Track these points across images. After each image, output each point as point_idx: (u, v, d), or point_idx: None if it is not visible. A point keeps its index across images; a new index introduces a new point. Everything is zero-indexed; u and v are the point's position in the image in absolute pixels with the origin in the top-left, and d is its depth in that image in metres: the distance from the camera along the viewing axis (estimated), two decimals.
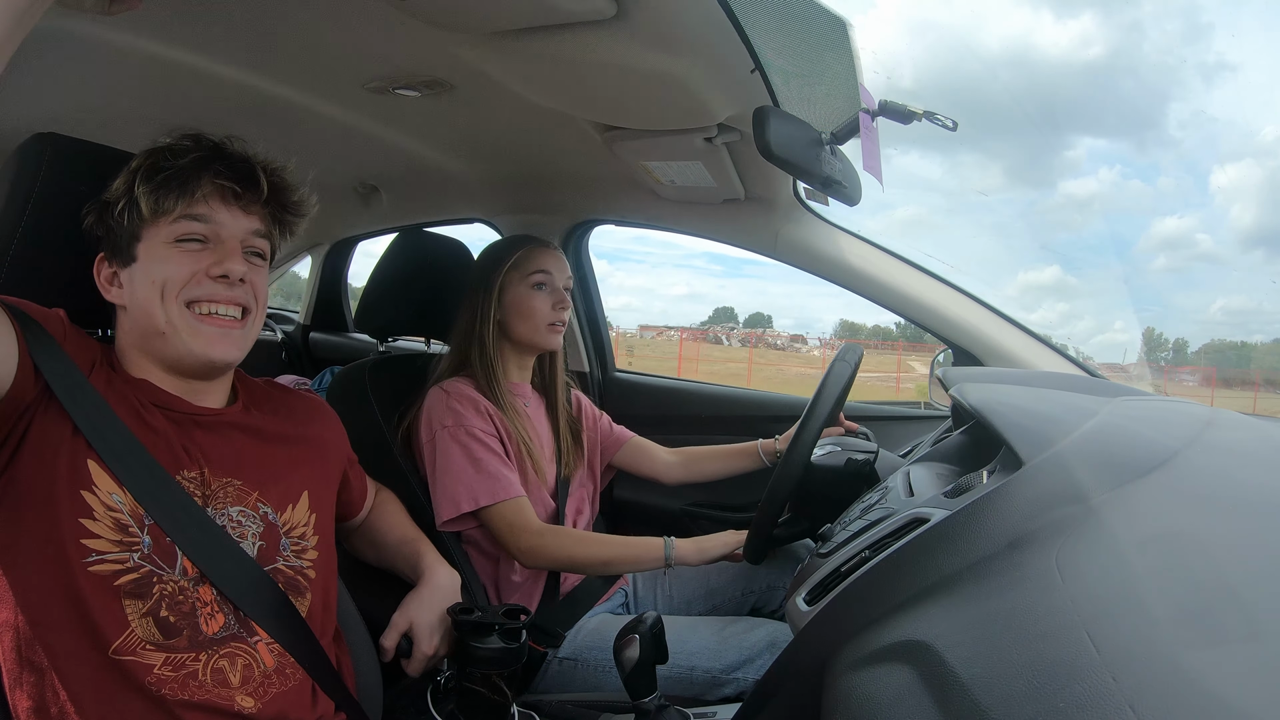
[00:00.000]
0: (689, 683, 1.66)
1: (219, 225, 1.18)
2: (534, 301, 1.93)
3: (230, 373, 1.29)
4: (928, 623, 0.71)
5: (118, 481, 1.07)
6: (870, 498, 1.30)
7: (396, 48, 1.63)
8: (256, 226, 1.23)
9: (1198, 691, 0.49)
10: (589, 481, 2.14)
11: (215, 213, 1.18)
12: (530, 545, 1.76)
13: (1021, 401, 1.27)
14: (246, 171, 1.21)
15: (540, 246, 1.99)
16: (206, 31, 1.62)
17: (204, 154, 1.18)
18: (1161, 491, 0.82)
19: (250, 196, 1.21)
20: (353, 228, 3.65)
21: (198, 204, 1.16)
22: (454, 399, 1.82)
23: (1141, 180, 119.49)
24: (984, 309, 2.20)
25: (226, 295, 1.17)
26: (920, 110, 1.53)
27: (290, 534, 1.25)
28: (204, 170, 1.17)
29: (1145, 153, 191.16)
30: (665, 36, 1.41)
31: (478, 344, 1.92)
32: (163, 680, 1.05)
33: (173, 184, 1.15)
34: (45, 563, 1.02)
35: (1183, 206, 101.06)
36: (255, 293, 1.21)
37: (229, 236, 1.19)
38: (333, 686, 1.23)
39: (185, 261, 1.15)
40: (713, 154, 1.97)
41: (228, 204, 1.19)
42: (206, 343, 1.16)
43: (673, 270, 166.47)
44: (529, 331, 1.93)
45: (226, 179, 1.18)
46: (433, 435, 1.80)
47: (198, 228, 1.17)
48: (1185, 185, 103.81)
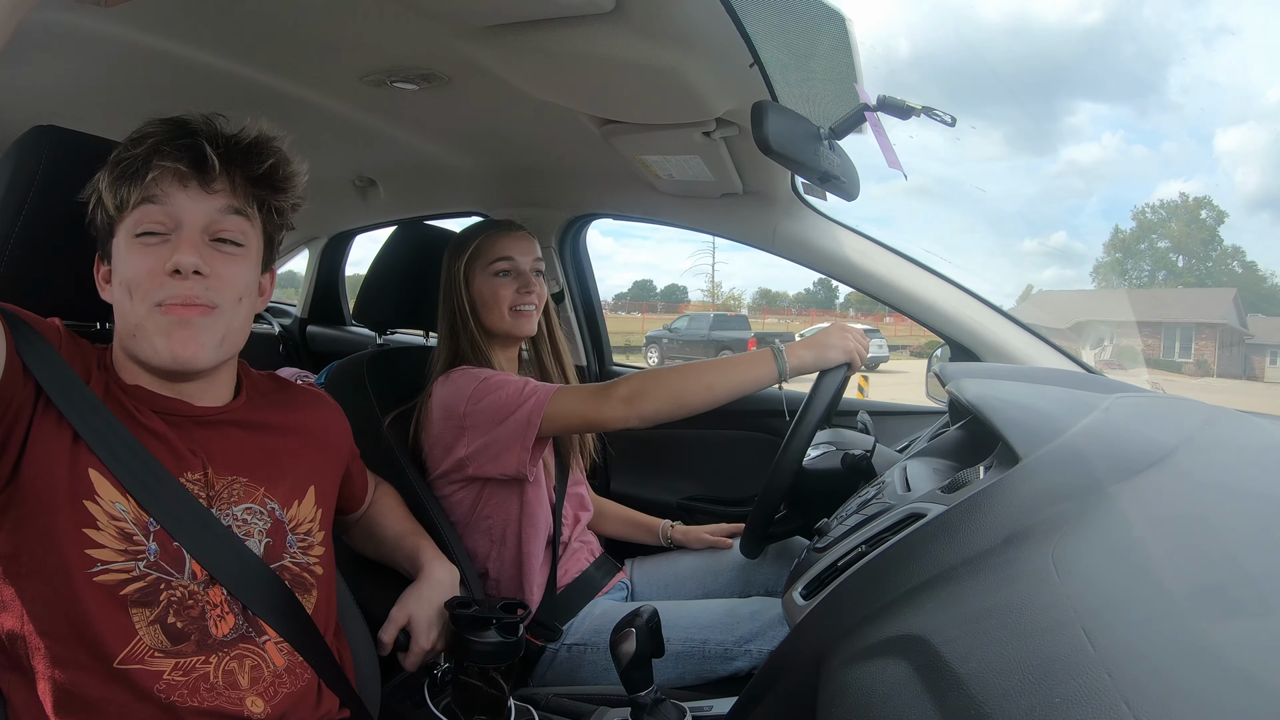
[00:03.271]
0: (701, 656, 1.67)
1: (178, 211, 1.10)
2: (497, 289, 1.89)
3: (229, 368, 1.24)
4: (924, 617, 0.71)
5: (121, 489, 1.05)
6: (867, 493, 1.31)
7: (394, 40, 1.63)
8: (223, 205, 1.13)
9: (1194, 688, 0.49)
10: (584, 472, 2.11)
11: (171, 198, 1.10)
12: (631, 397, 1.66)
13: (1018, 397, 1.27)
14: (195, 147, 1.10)
15: (499, 232, 1.95)
16: (204, 24, 1.62)
17: (159, 137, 1.10)
18: (1159, 488, 0.83)
19: (204, 175, 1.11)
20: (350, 221, 3.64)
21: (150, 190, 1.09)
22: (465, 373, 1.78)
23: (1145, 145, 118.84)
24: (981, 304, 2.20)
25: (183, 292, 1.08)
26: (919, 105, 1.53)
27: (296, 530, 1.24)
28: (154, 154, 1.09)
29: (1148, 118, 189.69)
30: (663, 30, 1.41)
31: (466, 339, 1.89)
32: (172, 686, 1.04)
33: (128, 174, 1.09)
34: (49, 574, 1.01)
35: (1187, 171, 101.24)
36: (222, 285, 1.12)
37: (188, 223, 1.10)
38: (337, 683, 1.22)
39: (146, 258, 1.08)
40: (711, 148, 1.97)
41: (185, 186, 1.10)
42: (171, 340, 1.08)
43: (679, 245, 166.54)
44: (497, 321, 1.90)
45: (174, 159, 1.09)
46: (463, 415, 1.74)
47: (155, 214, 1.09)
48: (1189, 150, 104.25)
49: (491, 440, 1.73)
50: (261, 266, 1.23)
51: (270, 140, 1.19)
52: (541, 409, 1.68)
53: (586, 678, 1.75)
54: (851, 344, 1.65)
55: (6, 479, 1.01)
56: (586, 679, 1.75)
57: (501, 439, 1.72)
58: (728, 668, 1.65)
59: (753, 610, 1.72)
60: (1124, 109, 59.80)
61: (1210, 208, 40.99)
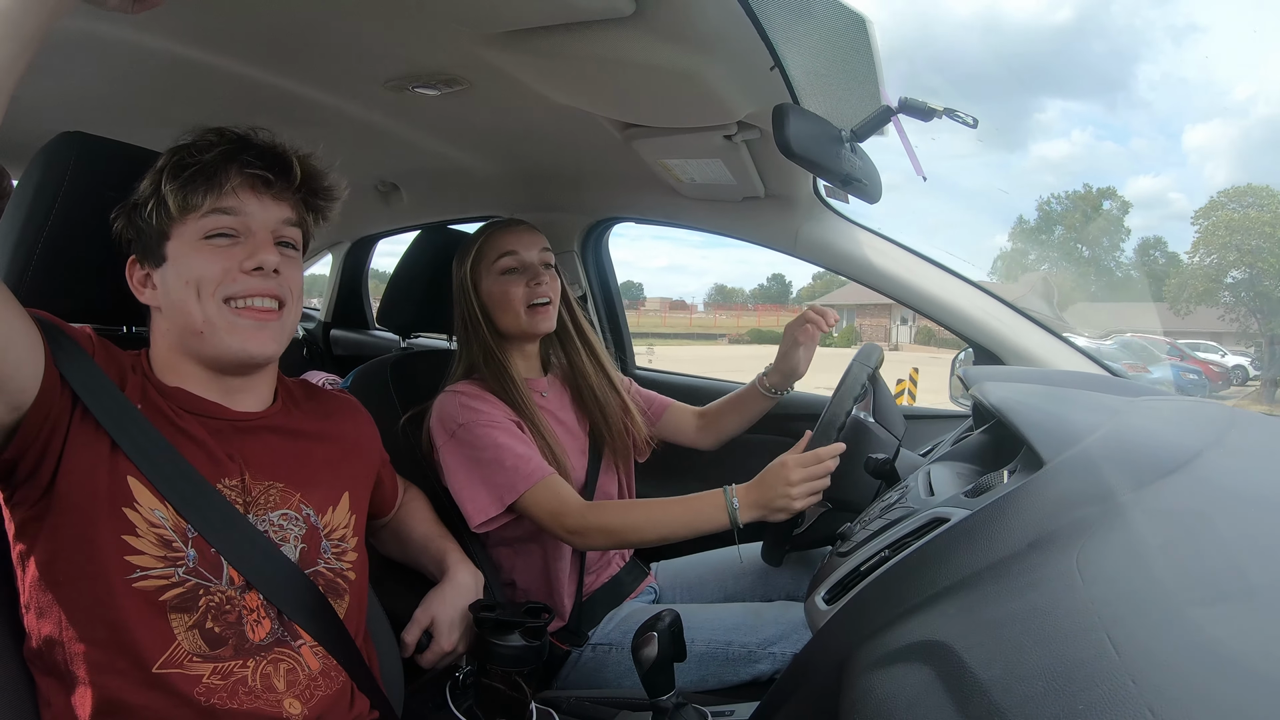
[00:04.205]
0: (724, 658, 1.66)
1: (249, 216, 1.16)
2: (507, 287, 1.84)
3: (271, 372, 1.27)
4: (947, 623, 0.71)
5: (159, 496, 1.06)
6: (890, 497, 1.30)
7: (415, 47, 1.64)
8: (288, 215, 1.21)
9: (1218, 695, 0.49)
10: (624, 474, 2.04)
11: (245, 204, 1.16)
12: (577, 525, 1.64)
13: (1043, 401, 1.26)
14: (276, 158, 1.19)
15: (501, 228, 1.91)
16: (227, 31, 1.63)
17: (230, 146, 1.17)
18: (1184, 493, 0.82)
19: (281, 184, 1.19)
20: (373, 225, 3.66)
21: (227, 196, 1.15)
22: (465, 398, 1.75)
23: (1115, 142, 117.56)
24: (1005, 307, 2.18)
25: (262, 287, 1.15)
26: (940, 107, 1.52)
27: (331, 536, 1.25)
28: (231, 162, 1.15)
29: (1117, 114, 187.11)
30: (684, 34, 1.40)
31: (479, 347, 1.86)
32: (211, 690, 1.05)
33: (199, 179, 1.14)
34: (88, 580, 1.02)
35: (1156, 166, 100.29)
36: (290, 284, 1.19)
37: (259, 227, 1.17)
38: (368, 686, 1.24)
39: (217, 258, 1.13)
40: (732, 151, 1.97)
41: (258, 194, 1.17)
42: (244, 337, 1.14)
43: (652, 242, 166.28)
44: (512, 321, 1.84)
45: (256, 168, 1.16)
46: (450, 438, 1.73)
47: (227, 221, 1.15)
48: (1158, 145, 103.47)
49: (460, 478, 1.72)
50: None
51: (314, 158, 1.27)
52: (528, 486, 1.67)
53: (610, 678, 1.75)
54: (796, 495, 1.54)
55: (45, 487, 1.03)
56: (609, 680, 1.75)
57: (468, 487, 1.70)
58: (751, 670, 1.65)
59: (776, 613, 1.72)
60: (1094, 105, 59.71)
61: (1114, 198, 41.43)
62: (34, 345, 0.99)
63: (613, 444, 1.97)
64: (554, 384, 1.98)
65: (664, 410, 2.11)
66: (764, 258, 29.81)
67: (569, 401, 1.98)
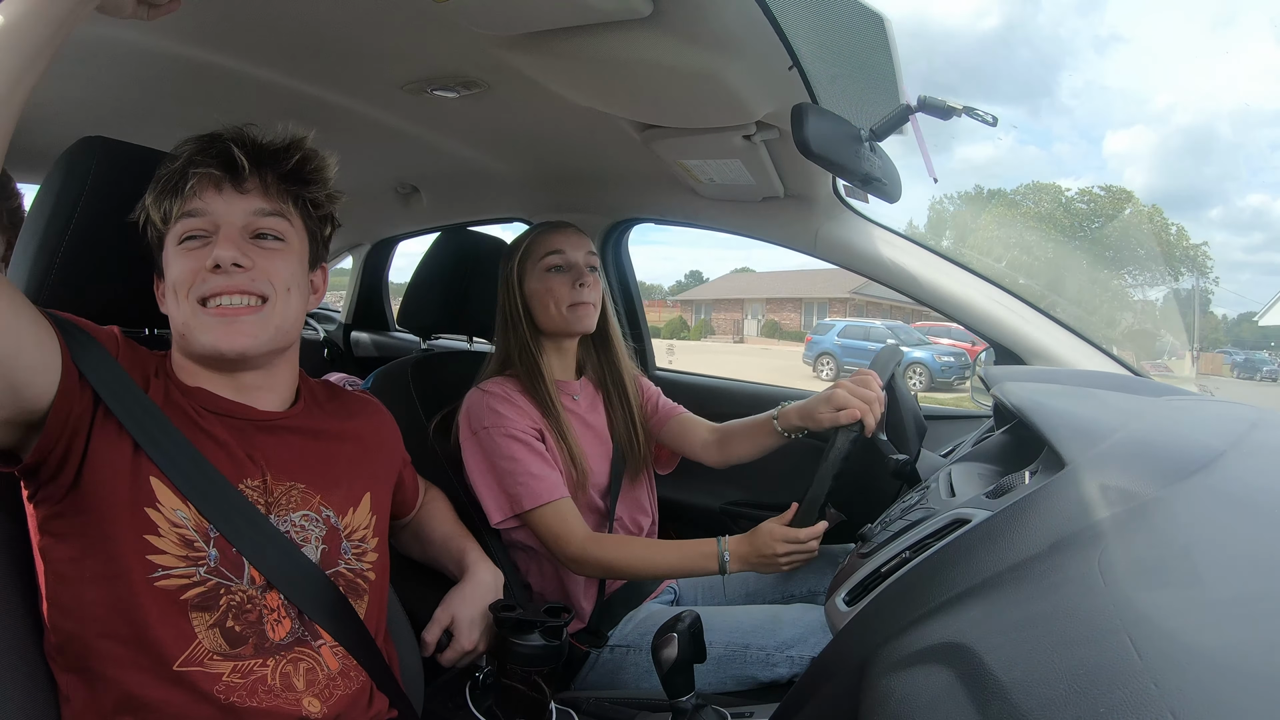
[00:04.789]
0: (742, 661, 1.66)
1: (215, 215, 1.15)
2: (551, 284, 1.87)
3: (289, 371, 1.28)
4: (968, 624, 0.70)
5: (181, 497, 1.07)
6: (911, 498, 1.30)
7: (433, 50, 1.64)
8: (258, 206, 1.18)
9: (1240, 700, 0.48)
10: (649, 481, 2.08)
11: (209, 204, 1.15)
12: (575, 555, 1.71)
13: (1064, 401, 1.26)
14: (223, 150, 1.17)
15: (549, 229, 1.94)
16: (245, 36, 1.64)
17: (191, 149, 1.17)
18: (1206, 494, 0.81)
19: (235, 175, 1.16)
20: (393, 228, 3.68)
21: (189, 199, 1.14)
22: (492, 399, 1.78)
23: (1038, 146, 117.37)
24: (1027, 307, 2.17)
25: (226, 284, 1.13)
26: (960, 105, 1.51)
27: (351, 537, 1.25)
28: (189, 165, 1.15)
29: (1040, 119, 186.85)
30: (702, 34, 1.40)
31: (515, 343, 1.89)
32: (231, 688, 1.06)
33: (168, 188, 1.15)
34: (110, 579, 1.03)
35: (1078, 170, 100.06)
36: (270, 276, 1.16)
37: (226, 224, 1.15)
38: (388, 685, 1.24)
39: (188, 260, 1.13)
40: (751, 152, 1.96)
41: (220, 190, 1.16)
42: (215, 335, 1.12)
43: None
44: (554, 318, 1.87)
45: (207, 165, 1.15)
46: (472, 435, 1.78)
47: (195, 223, 1.14)
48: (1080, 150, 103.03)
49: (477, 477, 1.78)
50: (310, 263, 1.27)
51: (295, 138, 1.24)
52: (535, 504, 1.72)
53: (628, 679, 1.75)
54: (782, 564, 1.63)
55: (68, 486, 1.04)
56: (628, 681, 1.75)
57: (485, 487, 1.77)
58: (768, 674, 1.64)
59: (794, 616, 1.71)
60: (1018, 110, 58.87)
61: (1004, 199, 40.84)
62: (49, 351, 1.00)
63: (635, 452, 1.99)
64: (586, 387, 2.01)
65: (670, 417, 2.10)
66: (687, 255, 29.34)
67: (600, 406, 2.00)
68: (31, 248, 1.24)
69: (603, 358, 2.03)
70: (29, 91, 0.89)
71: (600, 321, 1.98)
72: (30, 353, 0.97)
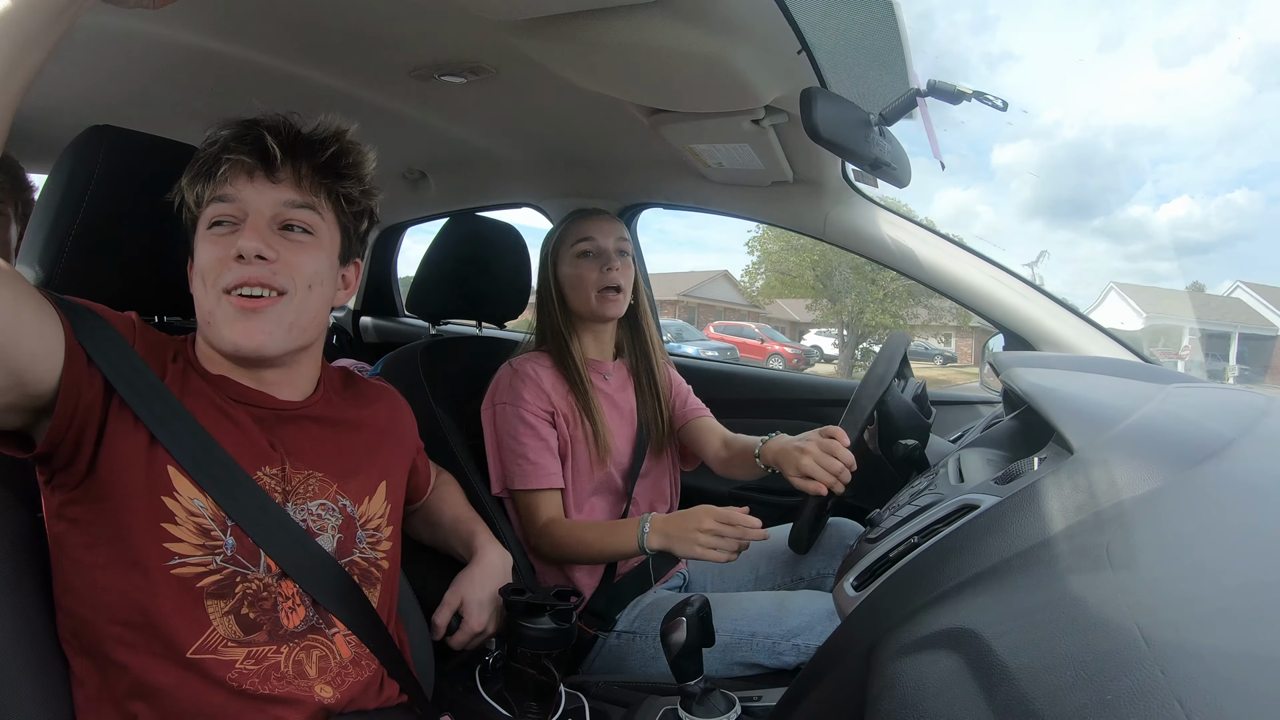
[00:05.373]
0: (749, 649, 1.66)
1: (244, 203, 1.14)
2: (580, 270, 1.94)
3: (311, 363, 1.27)
4: (976, 610, 0.70)
5: (198, 486, 1.07)
6: (919, 483, 1.29)
7: (440, 35, 1.64)
8: (289, 197, 1.17)
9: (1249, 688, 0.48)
10: (672, 468, 2.13)
11: (240, 190, 1.14)
12: (533, 538, 1.82)
13: (1074, 387, 1.25)
14: (256, 139, 1.15)
15: (583, 216, 2.01)
16: (252, 24, 1.64)
17: (228, 134, 1.16)
18: (1215, 481, 0.81)
19: (268, 164, 1.16)
20: (402, 214, 3.68)
21: (220, 184, 1.14)
22: (517, 379, 1.86)
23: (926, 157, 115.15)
24: (1036, 292, 2.16)
25: (248, 274, 1.11)
26: (969, 90, 1.50)
27: (366, 526, 1.26)
28: (224, 150, 1.15)
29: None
30: (710, 18, 1.40)
31: (549, 323, 1.97)
32: (244, 675, 1.06)
33: (201, 172, 1.15)
34: (126, 566, 1.04)
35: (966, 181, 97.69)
36: (292, 270, 1.15)
37: (254, 212, 1.14)
38: (399, 671, 1.25)
39: (214, 247, 1.13)
40: (760, 136, 1.96)
41: (252, 178, 1.15)
42: (234, 330, 1.11)
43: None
44: (583, 303, 1.94)
45: (240, 152, 1.14)
46: (491, 407, 1.88)
47: (225, 209, 1.14)
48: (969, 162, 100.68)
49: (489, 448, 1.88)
50: (341, 258, 1.26)
51: (335, 130, 1.23)
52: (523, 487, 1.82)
53: (635, 665, 1.76)
54: (700, 542, 1.62)
55: (83, 473, 1.04)
56: (635, 666, 1.76)
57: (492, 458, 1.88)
58: (774, 661, 1.65)
59: (801, 604, 1.71)
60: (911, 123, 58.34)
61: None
62: (51, 337, 0.99)
63: (659, 437, 2.04)
64: (619, 369, 2.07)
65: (693, 418, 2.13)
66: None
67: (630, 388, 2.06)
68: (40, 236, 1.25)
69: (637, 341, 2.08)
70: (26, 83, 0.89)
71: (632, 307, 2.03)
72: (32, 339, 0.96)
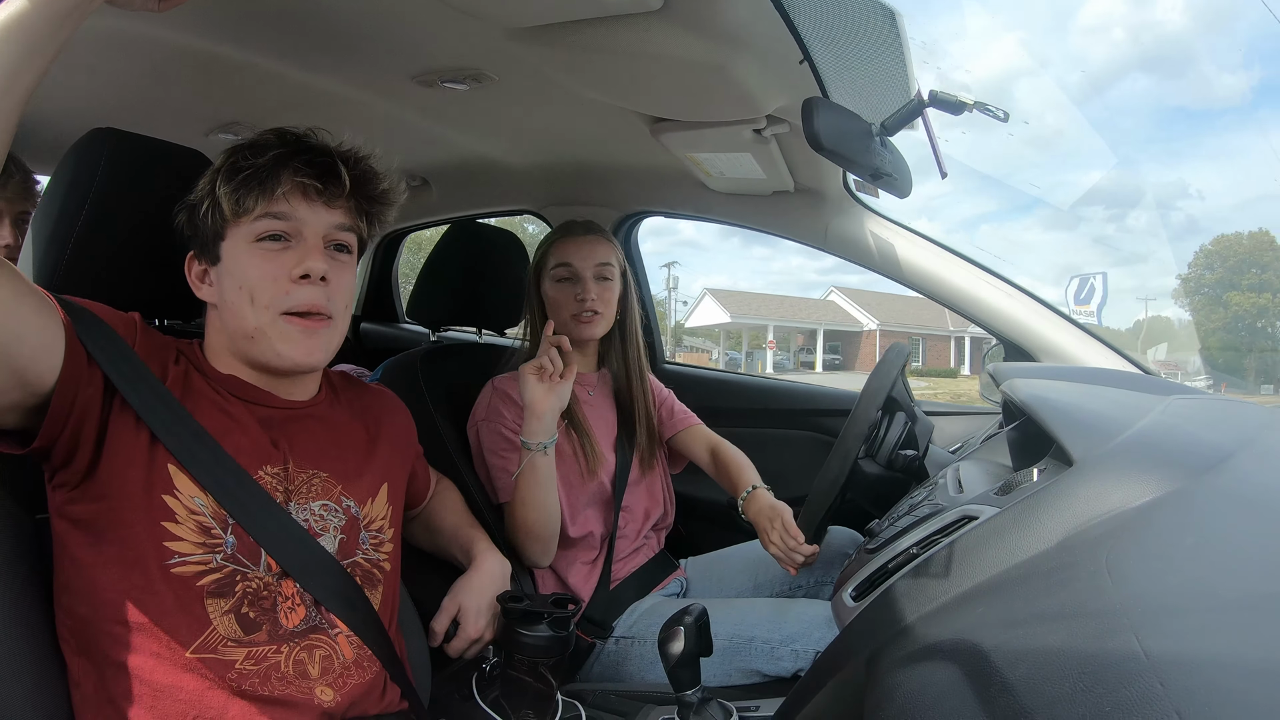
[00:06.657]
0: (747, 654, 1.66)
1: (300, 222, 1.17)
2: (557, 295, 1.96)
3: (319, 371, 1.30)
4: (975, 621, 0.70)
5: (199, 484, 1.08)
6: (919, 494, 1.29)
7: (443, 42, 1.64)
8: (340, 221, 1.21)
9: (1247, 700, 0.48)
10: (664, 474, 2.13)
11: (296, 209, 1.16)
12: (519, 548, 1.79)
13: (1073, 399, 1.25)
14: (327, 166, 1.19)
15: (562, 238, 2.01)
16: (256, 28, 1.64)
17: (284, 150, 1.17)
18: (1215, 494, 0.81)
19: (332, 191, 1.19)
20: (403, 219, 3.67)
21: (278, 202, 1.15)
22: (497, 397, 1.87)
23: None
24: (1036, 304, 2.16)
25: (311, 301, 1.16)
26: (971, 101, 1.50)
27: (369, 527, 1.26)
28: (284, 167, 1.16)
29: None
30: (712, 27, 1.40)
31: (534, 339, 1.98)
32: (244, 675, 1.06)
33: (253, 183, 1.15)
34: (127, 564, 1.04)
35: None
36: (337, 294, 1.20)
37: (310, 233, 1.17)
38: (399, 676, 1.24)
39: (268, 264, 1.14)
40: (762, 146, 1.96)
41: (309, 200, 1.18)
42: (294, 345, 1.15)
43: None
44: (563, 324, 1.94)
45: (306, 175, 1.17)
46: (475, 424, 1.89)
47: (278, 225, 1.16)
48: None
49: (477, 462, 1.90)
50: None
51: (379, 159, 1.28)
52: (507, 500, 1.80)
53: (632, 670, 1.76)
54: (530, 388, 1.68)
55: (84, 471, 1.04)
56: (632, 673, 1.76)
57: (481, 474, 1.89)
58: (773, 667, 1.65)
59: (799, 610, 1.71)
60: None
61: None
62: (51, 335, 0.99)
63: (645, 447, 2.04)
64: (604, 380, 2.08)
65: (681, 428, 2.15)
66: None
67: (612, 398, 2.07)
68: (43, 238, 1.25)
69: (621, 354, 2.08)
70: (30, 87, 0.89)
71: (619, 321, 2.04)
72: (32, 337, 0.97)
